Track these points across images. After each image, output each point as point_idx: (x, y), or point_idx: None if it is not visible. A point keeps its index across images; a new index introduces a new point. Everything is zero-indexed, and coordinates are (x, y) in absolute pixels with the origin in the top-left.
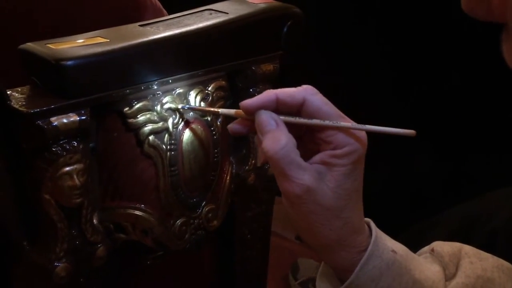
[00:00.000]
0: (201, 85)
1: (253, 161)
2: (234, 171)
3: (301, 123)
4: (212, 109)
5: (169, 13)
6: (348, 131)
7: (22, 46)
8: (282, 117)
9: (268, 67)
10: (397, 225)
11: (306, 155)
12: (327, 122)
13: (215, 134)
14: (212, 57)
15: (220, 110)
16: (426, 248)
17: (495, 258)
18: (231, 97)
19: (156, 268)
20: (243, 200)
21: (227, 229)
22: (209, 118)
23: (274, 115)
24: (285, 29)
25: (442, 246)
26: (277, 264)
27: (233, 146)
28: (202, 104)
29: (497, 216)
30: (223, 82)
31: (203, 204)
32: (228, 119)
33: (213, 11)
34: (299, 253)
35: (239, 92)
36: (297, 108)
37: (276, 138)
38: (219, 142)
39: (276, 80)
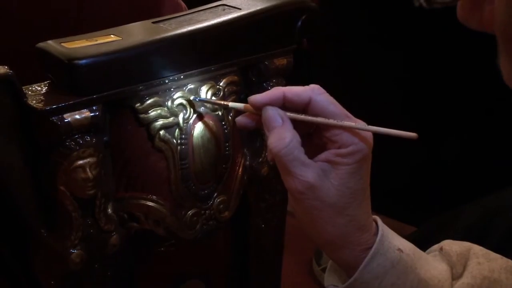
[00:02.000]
0: (212, 80)
1: (266, 153)
2: (247, 163)
3: (306, 120)
4: (222, 102)
5: (189, 5)
6: (353, 131)
7: (39, 44)
8: (288, 114)
9: (282, 61)
10: (420, 217)
11: (314, 152)
12: (331, 121)
13: (226, 128)
14: (224, 53)
15: (230, 104)
16: (435, 246)
17: (505, 259)
18: (244, 91)
19: (169, 256)
20: (256, 191)
21: (242, 219)
22: (220, 113)
23: (280, 111)
24: (299, 23)
25: (451, 245)
26: (301, 249)
27: (247, 139)
28: (214, 99)
29: None
30: (235, 77)
31: (214, 196)
32: (239, 113)
33: (226, 7)
34: None
35: (252, 86)
36: (304, 107)
37: (281, 135)
38: (230, 135)
39: (290, 74)
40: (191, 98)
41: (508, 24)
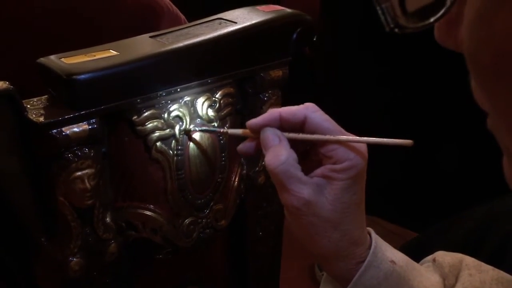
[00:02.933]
0: (208, 93)
1: (263, 163)
2: (244, 172)
3: (303, 139)
4: (220, 129)
5: (187, 16)
6: (348, 146)
7: (40, 60)
8: (285, 134)
9: (277, 73)
10: (421, 223)
11: (311, 168)
12: (327, 136)
13: (222, 139)
14: (220, 66)
15: (229, 131)
16: (429, 257)
17: (496, 270)
18: (240, 102)
19: (167, 263)
20: (254, 199)
21: (240, 226)
22: (215, 124)
23: (278, 131)
24: (294, 36)
25: (444, 257)
26: (303, 255)
27: None
28: (210, 111)
29: None
30: (231, 89)
31: (211, 205)
32: (235, 123)
33: (223, 21)
34: None
35: (248, 98)
36: (300, 125)
37: (277, 153)
38: (226, 145)
39: (285, 86)
40: (191, 128)
41: (472, 50)
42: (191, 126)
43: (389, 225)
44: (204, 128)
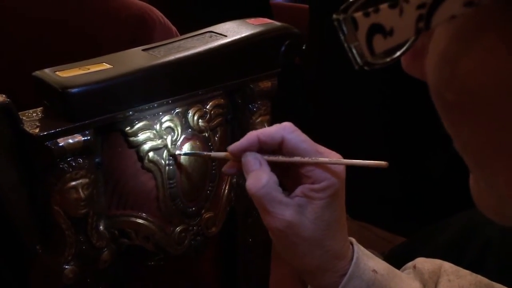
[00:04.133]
0: (199, 104)
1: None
2: (234, 180)
3: (283, 161)
4: (204, 153)
5: (182, 28)
6: (325, 167)
7: (35, 73)
8: (266, 157)
9: (266, 84)
10: (410, 229)
11: (291, 185)
12: (306, 159)
13: (212, 149)
14: (211, 78)
15: (212, 154)
16: (410, 263)
17: (474, 275)
18: (230, 113)
19: (159, 270)
20: (243, 207)
21: (230, 234)
22: (206, 134)
23: (258, 155)
24: (283, 48)
25: (423, 263)
26: None
27: None
28: (201, 122)
29: (494, 224)
30: (221, 100)
31: (202, 212)
32: (226, 134)
33: (213, 34)
34: None
35: (238, 108)
36: (279, 146)
37: (258, 177)
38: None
39: (274, 96)
40: (176, 153)
41: (435, 85)
42: (177, 151)
43: (379, 231)
44: (188, 152)
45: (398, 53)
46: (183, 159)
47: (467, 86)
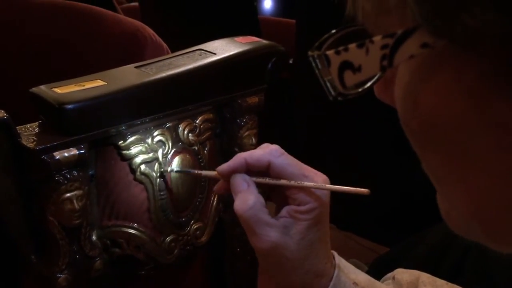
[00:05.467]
0: (189, 118)
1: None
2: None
3: (269, 183)
4: (196, 171)
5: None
6: (310, 191)
7: (33, 89)
8: (254, 179)
9: (254, 99)
10: (394, 239)
11: (279, 206)
12: (292, 183)
13: (202, 161)
14: (201, 94)
15: (203, 173)
16: (389, 274)
17: (449, 284)
18: (219, 127)
19: (150, 279)
20: (232, 217)
21: (218, 243)
22: (196, 148)
23: (246, 177)
24: (269, 65)
25: (402, 274)
26: None
27: None
28: (190, 135)
29: None
30: (211, 115)
31: (191, 223)
32: (215, 147)
33: (203, 51)
34: None
35: (227, 123)
36: (266, 168)
37: (245, 199)
38: (206, 167)
39: (262, 110)
40: (168, 170)
41: (402, 115)
42: (168, 168)
43: (364, 241)
44: (180, 169)
45: (368, 85)
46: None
47: (427, 116)
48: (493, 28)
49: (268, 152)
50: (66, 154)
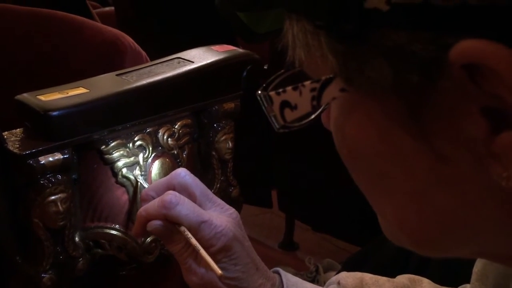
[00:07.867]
0: (169, 124)
1: (218, 185)
2: None
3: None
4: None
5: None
6: (213, 229)
7: (18, 96)
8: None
9: (230, 105)
10: (373, 237)
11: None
12: (201, 251)
13: (181, 164)
14: (179, 100)
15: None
16: (334, 278)
17: (391, 281)
18: (197, 131)
19: (131, 279)
20: None
21: None
22: (175, 152)
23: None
24: (244, 73)
25: (346, 279)
26: None
27: (200, 172)
28: (170, 140)
29: None
30: (189, 120)
31: None
32: (193, 151)
33: (181, 60)
34: (280, 261)
35: (204, 128)
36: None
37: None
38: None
39: (237, 116)
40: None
41: (336, 144)
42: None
43: (338, 242)
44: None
45: (312, 116)
46: (153, 173)
47: (353, 146)
48: (387, 79)
49: (161, 206)
50: (51, 159)
